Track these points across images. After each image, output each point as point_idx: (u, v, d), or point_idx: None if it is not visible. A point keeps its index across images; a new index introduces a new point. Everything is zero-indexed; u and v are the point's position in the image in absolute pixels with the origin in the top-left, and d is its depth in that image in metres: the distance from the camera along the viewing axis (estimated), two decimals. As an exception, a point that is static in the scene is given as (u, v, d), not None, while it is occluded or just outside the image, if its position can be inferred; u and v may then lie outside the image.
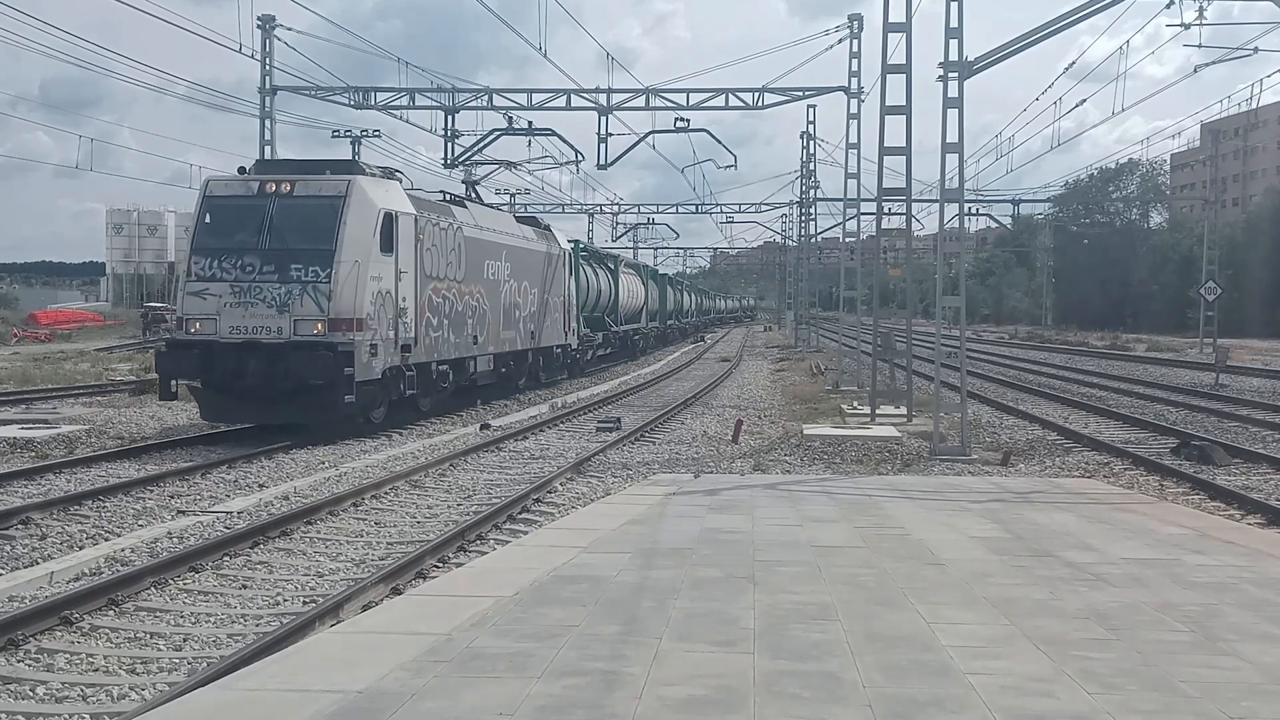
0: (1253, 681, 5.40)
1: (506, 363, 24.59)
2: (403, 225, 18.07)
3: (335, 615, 7.48)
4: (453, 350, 20.70)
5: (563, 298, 29.45)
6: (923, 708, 4.95)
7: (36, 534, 10.18)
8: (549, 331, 28.11)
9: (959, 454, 15.54)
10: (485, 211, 24.67)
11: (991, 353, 50.26)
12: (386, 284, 17.54)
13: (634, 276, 47.80)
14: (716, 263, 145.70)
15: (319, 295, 16.58)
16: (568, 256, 30.24)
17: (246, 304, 16.67)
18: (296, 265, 16.74)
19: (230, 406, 17.17)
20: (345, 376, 16.46)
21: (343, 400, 16.51)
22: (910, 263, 25.58)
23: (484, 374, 22.96)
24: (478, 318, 22.09)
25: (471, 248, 21.66)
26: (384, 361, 17.48)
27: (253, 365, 16.41)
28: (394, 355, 17.88)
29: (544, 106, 31.38)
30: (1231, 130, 75.26)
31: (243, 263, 16.83)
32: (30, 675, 6.38)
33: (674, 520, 9.88)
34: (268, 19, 30.10)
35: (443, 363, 20.29)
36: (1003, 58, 16.16)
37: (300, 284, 16.63)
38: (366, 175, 18.10)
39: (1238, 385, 29.56)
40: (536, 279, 26.79)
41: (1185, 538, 9.21)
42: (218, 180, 18.15)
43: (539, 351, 27.46)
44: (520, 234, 26.07)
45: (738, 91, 30.72)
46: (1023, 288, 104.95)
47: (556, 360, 29.55)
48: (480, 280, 22.28)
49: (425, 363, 19.31)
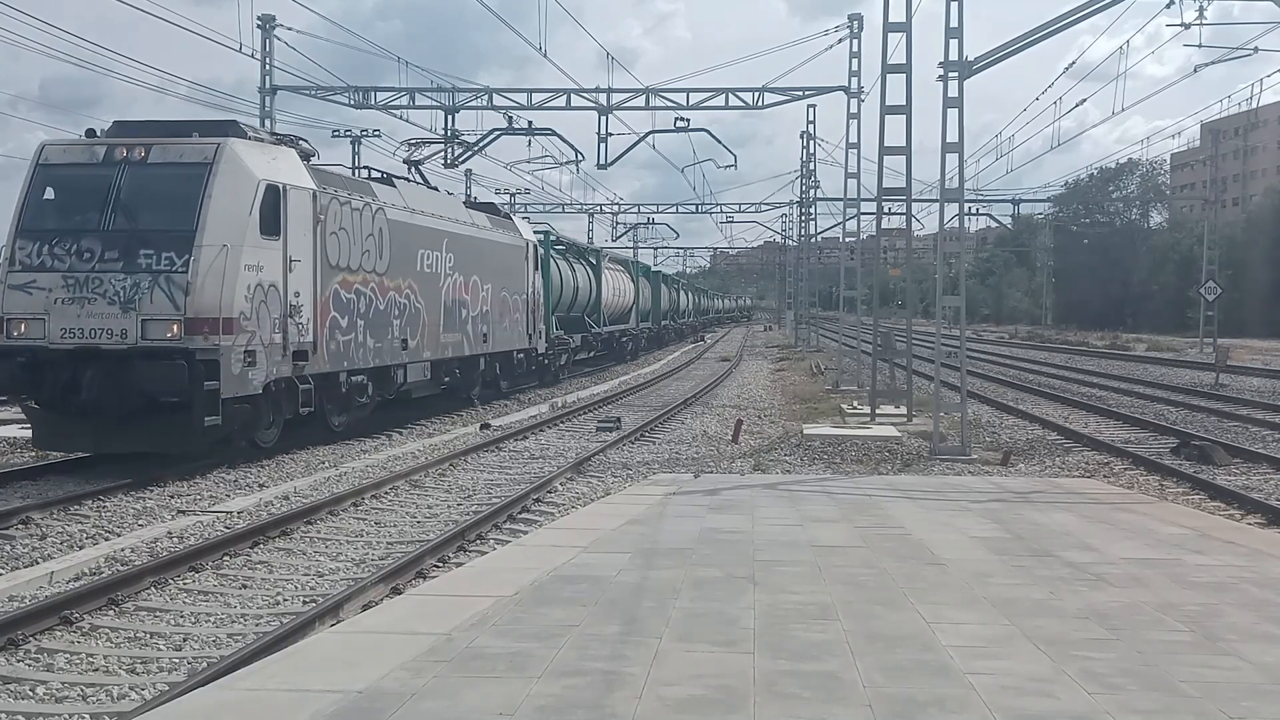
0: (1253, 681, 5.40)
1: (450, 371, 21.25)
2: (294, 202, 14.76)
3: (335, 615, 7.48)
4: (372, 357, 17.32)
5: (526, 296, 25.98)
6: (923, 708, 4.95)
7: (36, 534, 10.18)
8: (508, 334, 24.67)
9: (959, 454, 15.54)
10: (420, 193, 20.87)
11: (991, 353, 50.27)
12: (270, 275, 14.20)
13: (620, 273, 44.46)
14: (716, 262, 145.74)
15: (173, 288, 13.20)
16: (533, 249, 26.82)
17: (83, 300, 13.26)
18: (147, 251, 13.31)
19: (64, 430, 13.73)
20: (206, 392, 13.08)
21: (203, 422, 13.07)
22: (910, 263, 25.60)
23: (418, 384, 19.81)
24: (408, 318, 18.70)
25: (399, 234, 18.27)
26: (267, 372, 14.26)
27: (90, 378, 13.12)
28: (282, 364, 14.60)
29: (544, 106, 31.36)
30: (1231, 130, 75.23)
31: (79, 248, 13.44)
32: (30, 675, 6.38)
33: (674, 520, 9.88)
34: (268, 19, 30.08)
35: (357, 372, 17.01)
36: (1003, 58, 16.17)
37: (151, 274, 13.24)
38: (247, 139, 14.65)
39: (1238, 385, 29.56)
40: (491, 274, 23.24)
41: (1185, 538, 9.21)
42: (55, 145, 14.52)
43: (495, 357, 24.11)
44: (469, 221, 22.46)
45: (738, 91, 30.71)
46: (1023, 288, 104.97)
47: (519, 367, 26.24)
48: (411, 273, 18.87)
49: (330, 373, 16.10)
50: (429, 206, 20.21)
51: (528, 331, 26.30)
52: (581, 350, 35.15)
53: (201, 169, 13.75)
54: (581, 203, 66.06)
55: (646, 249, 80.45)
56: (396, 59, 32.25)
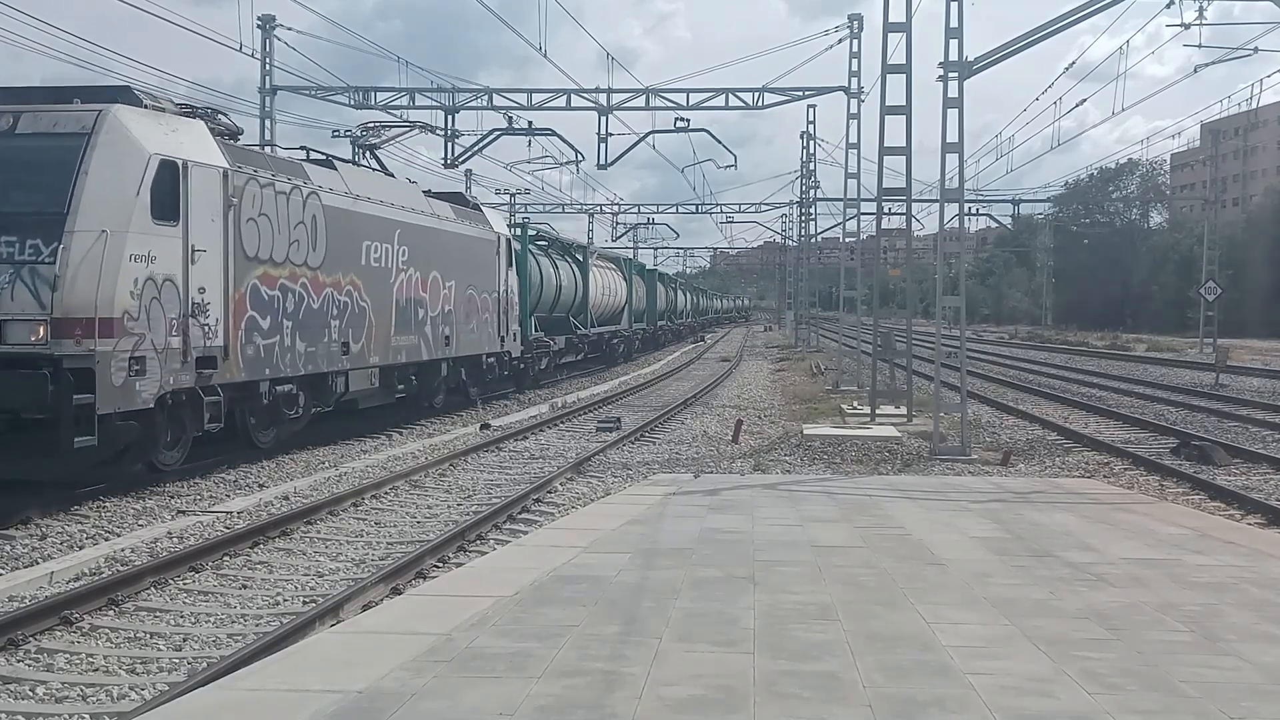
0: (1253, 681, 5.40)
1: (405, 377, 19.23)
2: (198, 182, 12.57)
3: (335, 615, 7.48)
4: (303, 363, 15.13)
5: (497, 294, 23.61)
6: (923, 708, 4.95)
7: (36, 534, 10.18)
8: (475, 336, 22.29)
9: (959, 454, 15.54)
10: (368, 177, 18.59)
11: (991, 353, 50.27)
12: (165, 267, 12.03)
13: (611, 271, 42.21)
14: (716, 262, 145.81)
15: (38, 283, 11.03)
16: (505, 243, 24.44)
17: None
18: (8, 238, 11.18)
19: None
20: (77, 407, 10.88)
21: (72, 443, 10.83)
22: (910, 263, 25.60)
23: (365, 393, 17.69)
24: (350, 319, 16.46)
25: (338, 223, 16.05)
26: (160, 382, 11.98)
27: None
28: (182, 372, 12.31)
29: (544, 106, 31.37)
30: (1231, 130, 75.26)
31: None
32: (30, 675, 6.38)
33: (674, 520, 9.88)
34: (268, 19, 30.09)
35: (283, 381, 14.76)
36: (1003, 58, 16.18)
37: (12, 265, 11.08)
38: (140, 108, 12.52)
39: (1238, 385, 29.56)
40: (455, 269, 20.92)
41: (1185, 538, 9.21)
42: None
43: (460, 362, 21.80)
44: (428, 210, 20.12)
45: (738, 91, 30.70)
46: (1023, 288, 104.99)
47: (490, 372, 23.85)
48: (354, 268, 16.66)
49: (248, 382, 13.91)
50: (378, 193, 17.92)
51: (499, 333, 23.85)
52: (567, 353, 33.11)
53: (78, 140, 11.62)
54: (581, 203, 66.12)
55: (646, 249, 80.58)
56: (396, 59, 32.27)
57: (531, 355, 27.42)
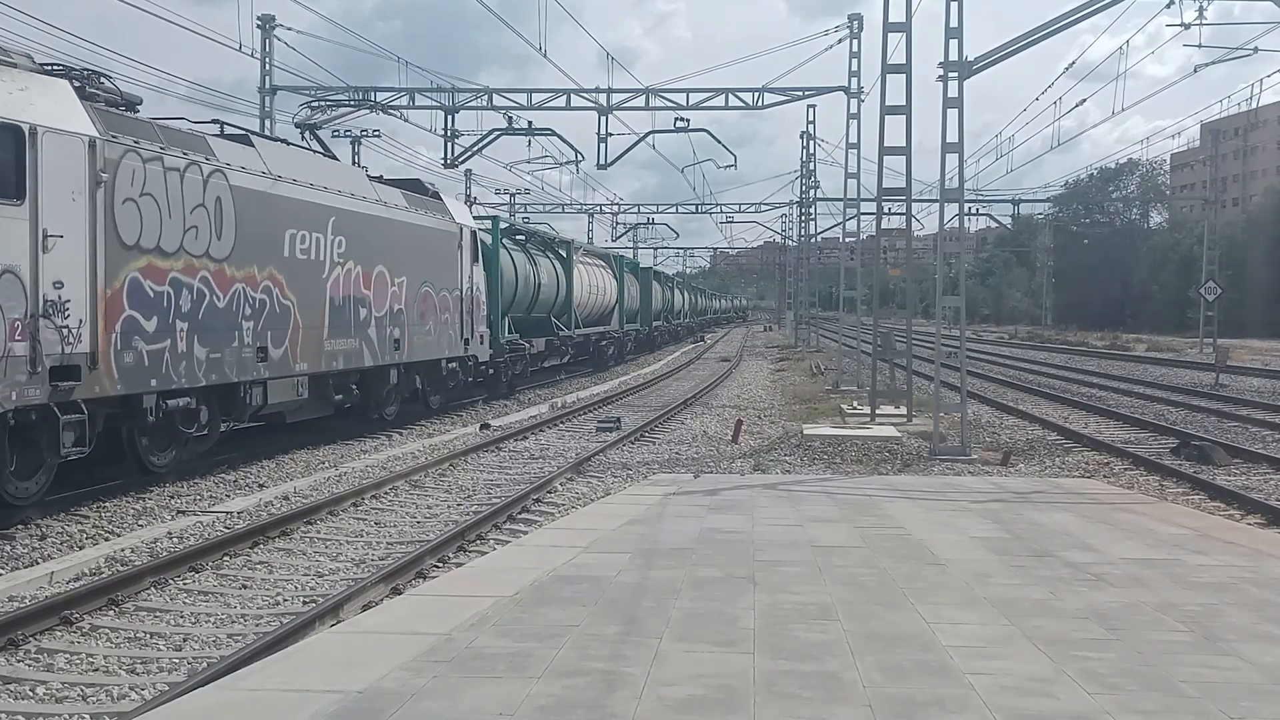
0: (1253, 681, 5.40)
1: (344, 386, 16.93)
2: (53, 152, 10.46)
3: (335, 615, 7.48)
4: (205, 372, 12.85)
5: (460, 292, 21.37)
6: (923, 708, 4.95)
7: (36, 534, 10.18)
8: (433, 339, 20.09)
9: (959, 454, 15.54)
10: (294, 157, 15.97)
11: (991, 353, 50.28)
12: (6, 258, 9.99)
13: (600, 269, 39.67)
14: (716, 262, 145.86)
15: None
16: (470, 236, 22.08)
17: None
18: None
19: None
20: None
21: None
22: (910, 263, 25.60)
23: (290, 405, 15.35)
24: (268, 319, 14.27)
25: (253, 208, 13.85)
26: None
27: None
28: (28, 386, 10.22)
29: (544, 106, 31.39)
30: (1231, 130, 75.26)
31: None
32: (30, 675, 6.38)
33: (674, 520, 9.88)
34: (268, 19, 30.11)
35: (177, 394, 12.40)
36: (1003, 58, 16.18)
37: None
38: None
39: (1238, 385, 29.56)
40: (406, 264, 18.77)
41: (1185, 538, 9.21)
42: None
43: (415, 368, 19.64)
44: (372, 197, 17.77)
45: (738, 91, 30.72)
46: (1023, 288, 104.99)
47: (452, 378, 21.51)
48: (274, 260, 14.46)
49: (129, 395, 11.71)
50: (307, 175, 15.58)
51: (462, 335, 21.57)
52: (549, 355, 31.43)
53: None
54: (581, 203, 66.22)
55: (646, 249, 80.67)
56: (396, 59, 32.36)
57: (505, 360, 25.21)
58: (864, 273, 31.10)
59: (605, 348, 39.26)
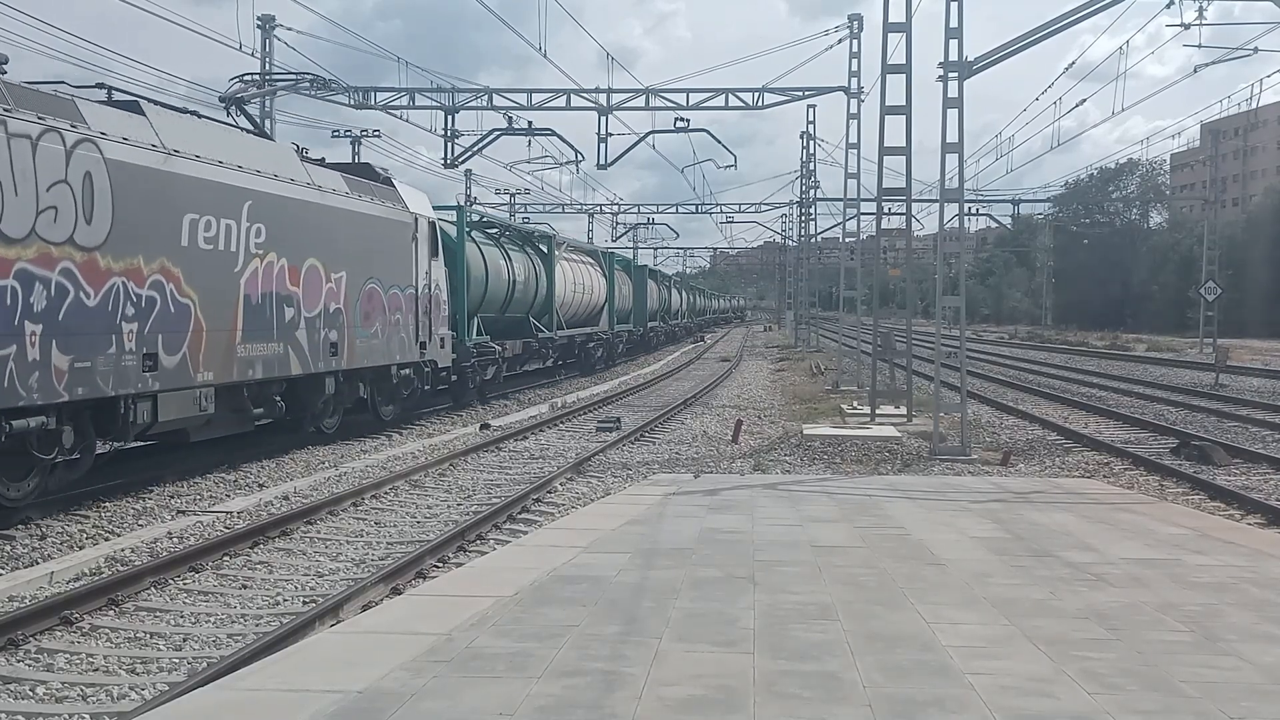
0: (1253, 681, 5.40)
1: (265, 398, 14.67)
2: None
3: (335, 615, 7.48)
4: (67, 384, 10.64)
5: (415, 290, 19.10)
6: (923, 708, 4.95)
7: (36, 534, 10.19)
8: (381, 343, 17.83)
9: (959, 454, 15.54)
10: (198, 129, 13.59)
11: (991, 353, 50.28)
12: None
13: (586, 266, 37.22)
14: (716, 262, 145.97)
15: None
16: (428, 228, 19.81)
17: None
18: None
19: None
20: None
21: None
22: (910, 263, 25.60)
23: (193, 421, 13.06)
24: (159, 320, 11.97)
25: (137, 187, 11.62)
26: None
27: None
28: None
29: (544, 106, 31.37)
30: (1231, 130, 75.29)
31: None
32: (30, 675, 6.38)
33: (674, 520, 9.88)
34: (268, 19, 30.10)
35: (27, 412, 10.22)
36: (1003, 58, 16.18)
37: None
38: None
39: (1238, 385, 29.56)
40: (347, 258, 16.49)
41: (1185, 538, 9.21)
42: None
43: (360, 375, 17.43)
44: (301, 179, 15.43)
45: (738, 91, 30.70)
46: (1023, 288, 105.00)
47: (406, 385, 19.25)
48: (168, 250, 12.18)
49: None
50: (215, 151, 13.33)
51: (418, 338, 19.24)
52: (529, 359, 29.31)
53: None
54: (581, 203, 66.28)
55: (646, 249, 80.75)
56: (396, 59, 32.36)
57: (472, 365, 23.04)
58: (864, 273, 31.10)
59: (593, 350, 37.06)
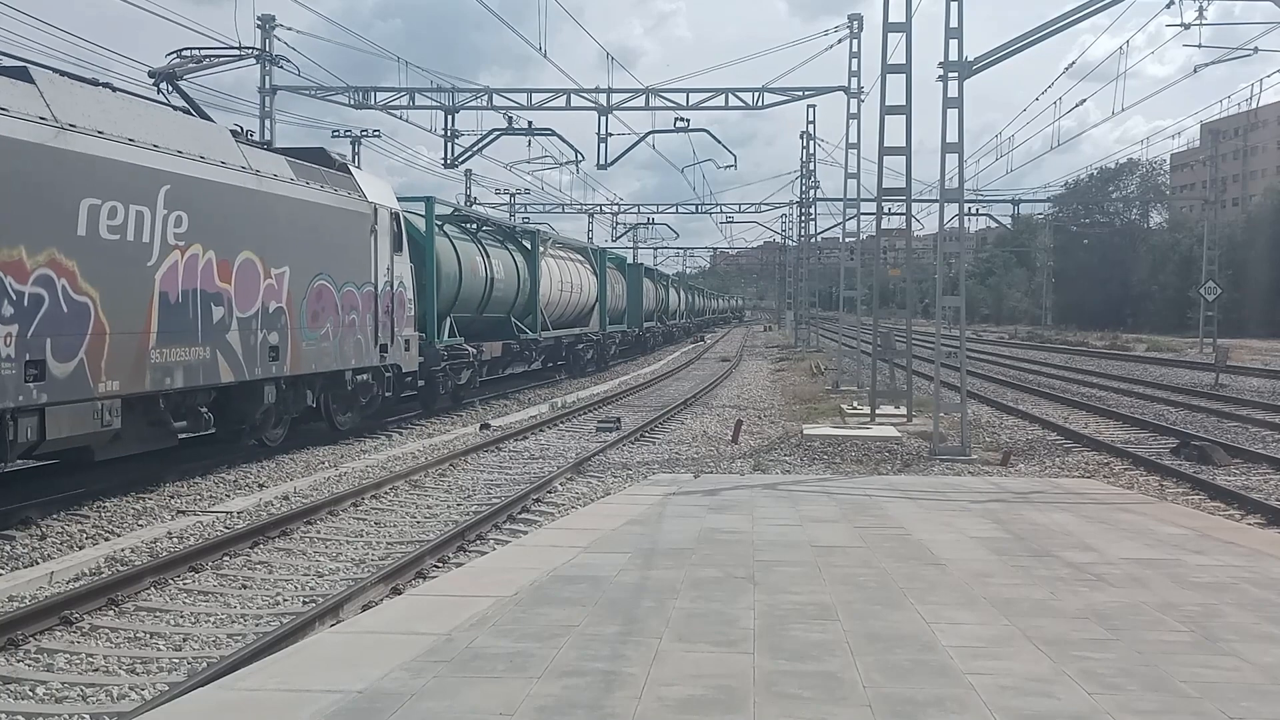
0: (1253, 681, 5.40)
1: (189, 409, 13.10)
2: None
3: (335, 615, 7.48)
4: None
5: (374, 288, 17.36)
6: (923, 708, 4.95)
7: (36, 534, 10.19)
8: (334, 346, 16.01)
9: (959, 454, 15.55)
10: (103, 102, 11.79)
11: (991, 353, 50.28)
12: None
13: (575, 264, 35.54)
14: (716, 262, 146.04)
15: None
16: (391, 220, 18.08)
17: None
18: None
19: None
20: None
21: None
22: (910, 263, 25.58)
23: (96, 437, 11.49)
24: (48, 322, 10.41)
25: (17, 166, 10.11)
26: None
27: None
28: None
29: (544, 106, 31.41)
30: (1231, 130, 75.24)
31: None
32: (30, 675, 6.39)
33: (674, 520, 9.88)
34: (268, 19, 30.10)
35: None
36: (1003, 58, 16.17)
37: None
38: None
39: (1237, 385, 29.55)
40: (291, 251, 14.70)
41: (1185, 538, 9.21)
42: None
43: (306, 382, 15.63)
44: (235, 162, 13.73)
45: (738, 91, 30.71)
46: (1023, 288, 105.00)
47: (364, 392, 17.59)
48: (60, 240, 10.63)
49: None
50: (124, 128, 11.74)
51: (377, 341, 17.48)
52: (512, 362, 27.89)
53: None
54: (581, 203, 66.35)
55: (646, 249, 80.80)
56: (396, 59, 32.40)
57: (443, 369, 21.46)
58: (864, 273, 31.09)
59: (582, 352, 35.31)
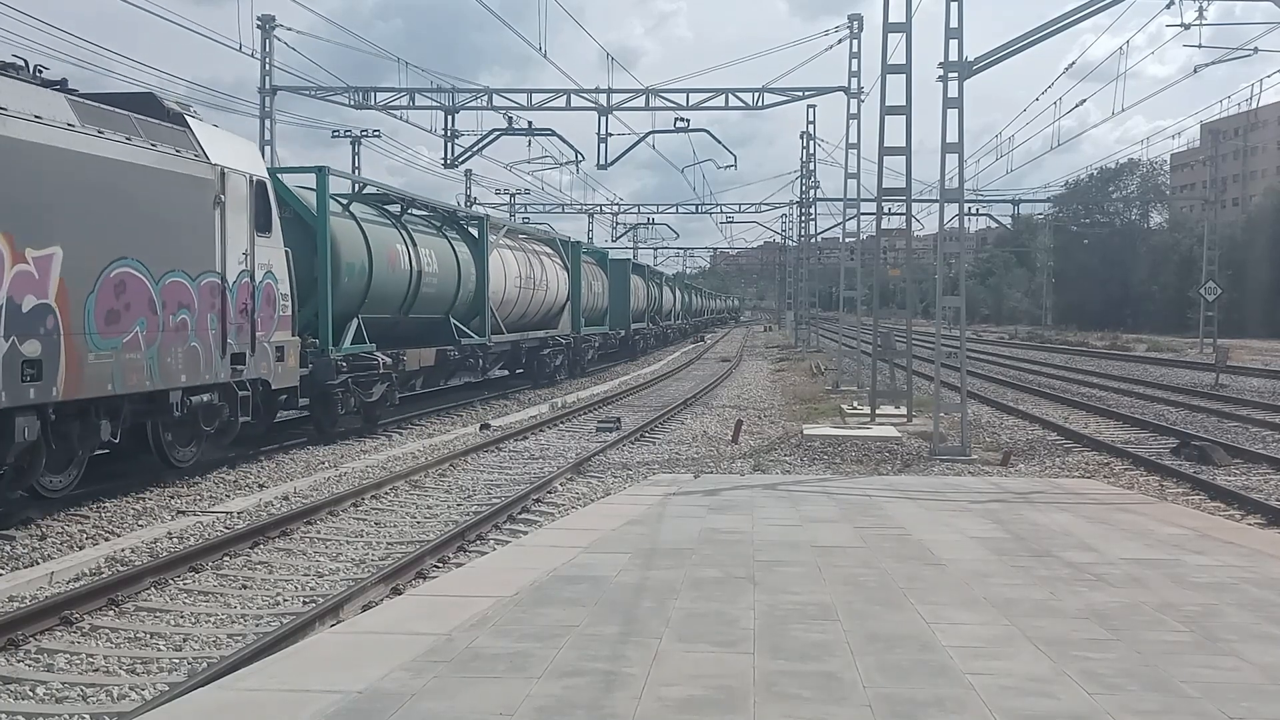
0: (1253, 681, 5.40)
1: None
2: None
3: (335, 615, 7.48)
4: None
5: (223, 279, 13.30)
6: (923, 708, 4.95)
7: (36, 534, 10.18)
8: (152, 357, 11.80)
9: (959, 454, 15.54)
10: None
11: (991, 353, 50.28)
12: None
13: (539, 256, 30.39)
14: (716, 263, 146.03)
15: None
16: (249, 189, 13.99)
17: None
18: None
19: None
20: None
21: None
22: (910, 263, 25.57)
23: None
24: None
25: None
26: None
27: None
28: None
29: (544, 106, 31.45)
30: (1231, 130, 75.23)
31: None
32: (30, 675, 6.38)
33: (674, 520, 9.88)
34: (268, 19, 30.14)
35: None
36: (1003, 58, 16.17)
37: None
38: None
39: (1238, 385, 29.55)
40: (63, 226, 10.46)
41: (1185, 538, 9.21)
42: None
43: (103, 408, 11.34)
44: None
45: (738, 91, 30.75)
46: (1023, 288, 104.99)
47: (212, 417, 13.38)
48: None
49: None
50: None
51: (224, 349, 13.39)
52: (455, 371, 23.58)
53: None
54: (581, 203, 66.34)
55: (646, 249, 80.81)
56: (396, 59, 32.40)
57: (342, 383, 17.37)
58: (864, 273, 31.09)
59: (548, 358, 30.18)
